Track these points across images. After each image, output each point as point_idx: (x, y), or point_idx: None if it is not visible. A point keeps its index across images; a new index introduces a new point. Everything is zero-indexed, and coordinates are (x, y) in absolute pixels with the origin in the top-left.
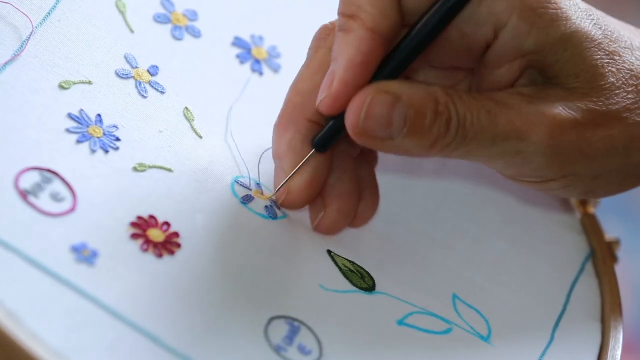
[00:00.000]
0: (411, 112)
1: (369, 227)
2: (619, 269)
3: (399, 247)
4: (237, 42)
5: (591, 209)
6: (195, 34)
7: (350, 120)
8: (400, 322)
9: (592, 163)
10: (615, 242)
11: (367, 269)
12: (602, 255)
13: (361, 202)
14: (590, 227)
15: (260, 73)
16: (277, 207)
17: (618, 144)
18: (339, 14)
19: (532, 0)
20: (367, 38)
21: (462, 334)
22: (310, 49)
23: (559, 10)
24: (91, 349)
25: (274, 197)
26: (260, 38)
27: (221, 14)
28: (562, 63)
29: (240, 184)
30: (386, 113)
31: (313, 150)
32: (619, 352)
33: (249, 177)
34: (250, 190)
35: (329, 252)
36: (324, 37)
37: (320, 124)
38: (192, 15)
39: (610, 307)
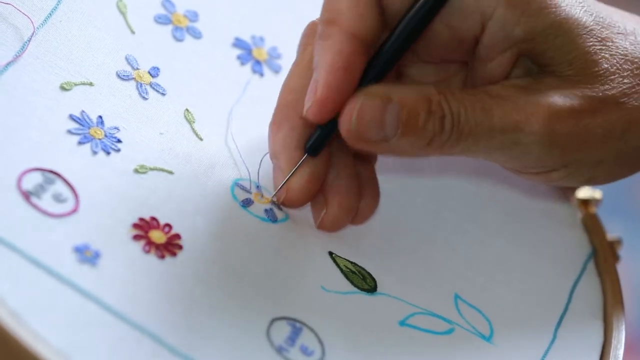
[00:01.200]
0: (404, 112)
1: (371, 227)
2: (621, 268)
3: (400, 248)
4: (238, 43)
5: (593, 209)
6: (196, 35)
7: (343, 127)
8: (402, 323)
9: (592, 149)
10: (617, 242)
11: (368, 270)
12: (603, 254)
13: (362, 199)
14: (592, 227)
15: (261, 74)
16: (278, 208)
17: (616, 129)
18: (320, 22)
19: None
20: (346, 41)
21: (465, 334)
22: (299, 46)
23: None
24: (94, 348)
25: (274, 199)
26: (261, 39)
27: (222, 15)
28: (553, 51)
29: (241, 187)
30: (378, 115)
31: (306, 155)
32: (621, 351)
33: (250, 180)
34: (250, 193)
35: (331, 253)
36: (312, 34)
37: None
38: (193, 16)
39: (612, 306)
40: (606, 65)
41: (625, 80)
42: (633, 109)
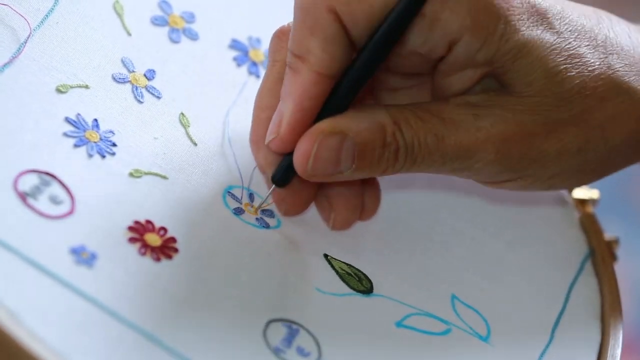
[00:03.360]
0: (359, 148)
1: (367, 228)
2: (619, 268)
3: (397, 249)
4: (235, 44)
5: (590, 209)
6: (193, 36)
7: (298, 166)
8: (399, 324)
9: (545, 166)
10: (615, 241)
11: (365, 272)
12: (601, 254)
13: (365, 194)
14: (590, 227)
15: (257, 76)
16: (269, 216)
17: (572, 147)
18: (289, 50)
19: (483, 18)
20: (315, 82)
21: (462, 335)
22: (268, 60)
23: (508, 25)
24: (91, 349)
25: (268, 204)
26: (258, 40)
27: (218, 16)
28: (513, 73)
29: (232, 196)
30: (334, 155)
31: (274, 186)
32: (618, 351)
33: (242, 187)
34: (241, 203)
35: (326, 256)
36: (279, 50)
37: None
38: (190, 17)
39: (610, 306)
40: (568, 86)
41: (587, 100)
42: (591, 128)
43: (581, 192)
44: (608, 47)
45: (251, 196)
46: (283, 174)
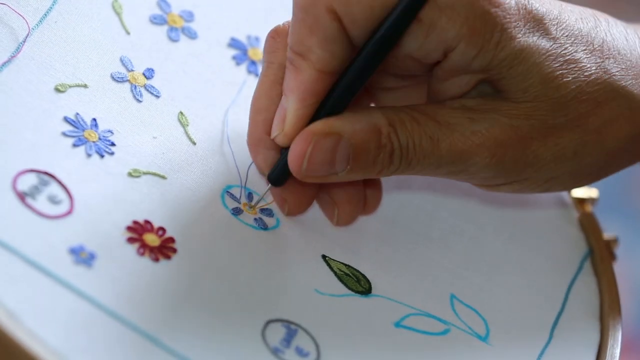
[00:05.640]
0: (353, 150)
1: (366, 228)
2: (618, 267)
3: (395, 248)
4: (234, 43)
5: (589, 208)
6: (192, 35)
7: (293, 167)
8: (398, 324)
9: (541, 170)
10: (614, 241)
11: (363, 272)
12: (600, 253)
13: (367, 188)
14: (589, 226)
15: (256, 74)
16: (269, 215)
17: (567, 151)
18: (289, 48)
19: (480, 27)
20: (317, 79)
21: (460, 335)
22: (263, 61)
23: (504, 33)
24: (90, 349)
25: (267, 204)
26: (257, 39)
27: (217, 15)
28: (509, 79)
29: (230, 196)
30: (329, 157)
31: (269, 186)
32: (617, 351)
33: (241, 187)
34: (240, 203)
35: (324, 257)
36: (274, 51)
37: None
38: (189, 16)
39: (609, 305)
40: (563, 91)
41: (582, 105)
42: (587, 132)
43: (580, 192)
44: (605, 51)
45: (250, 195)
46: (279, 174)
